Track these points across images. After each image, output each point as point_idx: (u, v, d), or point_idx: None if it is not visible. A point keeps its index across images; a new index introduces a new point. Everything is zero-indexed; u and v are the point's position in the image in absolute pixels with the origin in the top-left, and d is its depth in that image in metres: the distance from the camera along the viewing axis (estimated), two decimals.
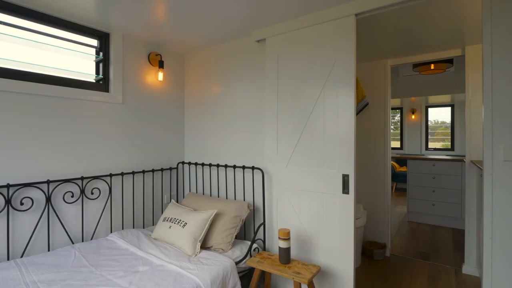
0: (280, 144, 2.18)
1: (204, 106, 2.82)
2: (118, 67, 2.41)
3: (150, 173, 2.70)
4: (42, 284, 1.48)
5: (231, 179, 2.59)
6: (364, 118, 3.31)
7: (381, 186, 3.19)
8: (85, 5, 1.90)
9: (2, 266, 1.64)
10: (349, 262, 1.86)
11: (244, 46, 2.50)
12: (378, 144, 3.22)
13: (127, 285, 1.50)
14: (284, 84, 2.16)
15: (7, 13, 1.86)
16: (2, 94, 1.81)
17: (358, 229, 2.72)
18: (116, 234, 2.17)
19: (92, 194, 2.25)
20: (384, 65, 3.18)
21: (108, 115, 2.36)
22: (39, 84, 1.96)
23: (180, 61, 2.98)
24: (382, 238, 3.17)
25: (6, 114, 1.83)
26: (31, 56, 1.99)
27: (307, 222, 2.05)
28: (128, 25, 2.23)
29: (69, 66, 2.18)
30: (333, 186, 1.92)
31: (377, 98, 3.23)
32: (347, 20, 1.86)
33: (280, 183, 2.18)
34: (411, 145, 6.52)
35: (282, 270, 1.77)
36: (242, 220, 2.20)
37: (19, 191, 1.87)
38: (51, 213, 2.02)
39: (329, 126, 1.95)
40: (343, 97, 1.88)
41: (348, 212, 1.86)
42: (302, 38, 2.07)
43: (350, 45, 1.85)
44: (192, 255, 1.90)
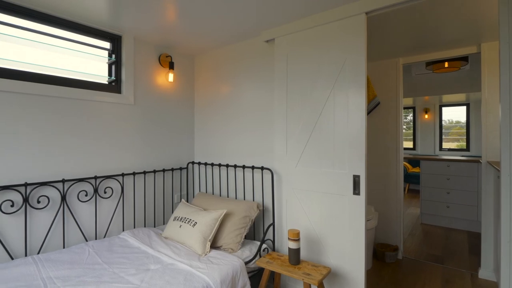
0: (290, 144, 2.17)
1: (214, 106, 2.84)
2: (130, 68, 2.45)
3: (161, 173, 2.73)
4: (58, 280, 1.52)
5: (240, 179, 2.60)
6: (375, 118, 3.27)
7: (393, 187, 3.14)
8: (98, 9, 1.95)
9: (20, 262, 1.70)
10: (360, 264, 1.84)
11: (253, 46, 2.51)
12: (390, 144, 3.17)
13: (138, 282, 1.53)
14: (293, 84, 2.16)
15: (27, 18, 1.92)
16: (20, 96, 1.87)
17: (369, 231, 2.68)
18: (128, 233, 2.21)
19: (105, 193, 2.30)
20: (396, 63, 3.12)
21: (120, 116, 2.41)
22: (54, 86, 2.02)
23: (190, 62, 3.01)
24: (394, 240, 3.12)
25: (24, 116, 1.89)
26: (47, 59, 2.05)
27: (317, 223, 2.03)
28: (140, 27, 2.27)
29: (83, 69, 2.24)
30: (343, 187, 1.90)
31: (389, 97, 3.18)
32: (357, 19, 1.84)
33: (289, 183, 2.17)
34: (424, 146, 6.38)
35: (292, 271, 1.77)
36: (251, 220, 2.20)
37: (36, 190, 1.93)
38: (66, 211, 2.08)
39: (339, 126, 1.93)
40: (353, 96, 1.86)
41: (359, 214, 1.84)
42: (311, 38, 2.06)
43: (361, 44, 1.83)
44: (202, 254, 1.91)
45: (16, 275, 1.55)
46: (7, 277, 1.53)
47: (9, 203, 1.81)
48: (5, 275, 1.54)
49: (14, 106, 1.85)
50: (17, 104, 1.86)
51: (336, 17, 1.92)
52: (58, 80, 2.07)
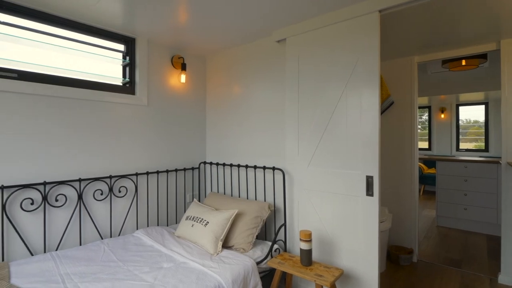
0: (301, 144, 2.16)
1: (225, 107, 2.86)
2: (143, 70, 2.50)
3: (173, 173, 2.77)
4: (75, 276, 1.57)
5: (251, 179, 2.60)
6: (389, 118, 3.21)
7: (407, 188, 3.07)
8: (113, 12, 2.00)
9: (39, 258, 1.76)
10: (373, 266, 1.81)
11: (264, 46, 2.51)
12: (404, 144, 3.10)
13: (152, 280, 1.55)
14: (305, 84, 2.14)
15: (46, 23, 1.99)
16: (40, 98, 1.94)
17: (382, 233, 2.64)
18: (141, 231, 2.26)
19: (120, 192, 2.35)
20: (411, 62, 3.06)
21: (134, 117, 2.46)
22: (71, 88, 2.08)
23: (201, 63, 3.04)
24: (408, 242, 3.05)
25: (43, 117, 1.96)
26: (64, 62, 2.12)
27: (329, 224, 2.01)
28: (153, 30, 2.31)
29: (99, 71, 2.30)
30: (356, 188, 1.88)
31: (403, 96, 3.12)
32: (370, 17, 1.81)
33: (301, 184, 2.16)
34: (441, 146, 6.22)
35: (304, 272, 1.76)
36: (263, 220, 2.20)
37: (54, 188, 1.99)
38: (83, 210, 2.14)
39: (352, 126, 1.91)
40: (366, 96, 1.83)
41: (372, 215, 1.81)
42: (323, 37, 2.04)
43: (374, 43, 1.80)
44: (214, 254, 1.93)
45: (36, 271, 1.60)
46: (28, 272, 1.59)
47: (29, 201, 1.88)
48: (26, 270, 1.60)
49: (34, 108, 1.92)
50: (37, 105, 1.93)
51: (348, 15, 1.90)
52: (75, 82, 2.13)
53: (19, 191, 1.84)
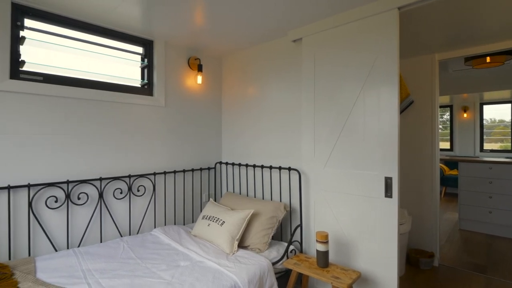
0: (318, 145, 2.14)
1: (241, 107, 2.87)
2: (161, 72, 2.55)
3: (190, 172, 2.81)
4: (96, 272, 1.62)
5: (267, 180, 2.60)
6: (408, 118, 3.12)
7: (428, 190, 2.98)
8: (132, 15, 2.05)
9: (63, 254, 1.83)
10: (392, 269, 1.76)
11: (279, 46, 2.50)
12: (424, 145, 3.01)
13: (169, 278, 1.58)
14: (321, 84, 2.12)
15: (67, 27, 2.07)
16: (63, 100, 2.02)
17: (402, 235, 2.56)
18: (159, 230, 2.30)
19: (138, 191, 2.41)
20: (431, 60, 2.96)
21: (152, 118, 2.52)
22: (92, 90, 2.15)
23: (217, 64, 3.07)
24: (429, 246, 2.95)
25: (66, 118, 2.03)
26: (86, 65, 2.19)
27: (346, 226, 1.98)
28: (170, 32, 2.36)
29: (118, 73, 2.36)
30: (374, 189, 1.84)
31: (423, 95, 3.02)
32: (389, 15, 1.77)
33: (317, 184, 2.14)
34: (463, 146, 5.98)
35: (320, 273, 1.74)
36: (278, 221, 2.19)
37: (76, 187, 2.07)
38: (103, 208, 2.20)
39: (370, 126, 1.87)
40: (385, 96, 1.79)
41: (391, 217, 1.77)
42: (340, 36, 2.01)
43: (393, 41, 1.75)
44: (230, 253, 1.94)
45: (60, 266, 1.67)
46: (52, 267, 1.65)
47: (54, 199, 1.96)
48: (51, 265, 1.67)
49: (58, 109, 2.00)
50: (60, 107, 2.01)
51: (366, 13, 1.86)
52: (96, 84, 2.20)
53: (44, 189, 1.93)
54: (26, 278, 1.49)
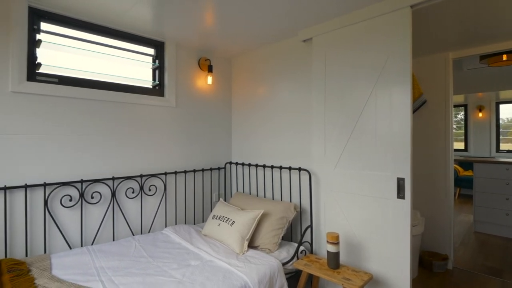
0: (328, 145, 2.12)
1: (250, 107, 2.87)
2: (172, 73, 2.58)
3: (200, 172, 2.83)
4: (109, 270, 1.65)
5: (277, 180, 2.59)
6: (421, 117, 3.06)
7: (441, 191, 2.91)
8: (144, 18, 2.08)
9: (77, 252, 1.87)
10: (405, 272, 1.73)
11: (289, 46, 2.49)
12: (438, 145, 2.94)
13: (180, 277, 1.60)
14: (332, 83, 2.10)
15: (81, 29, 2.12)
16: (79, 101, 2.06)
17: (414, 237, 2.52)
18: (170, 229, 2.33)
19: (150, 191, 2.44)
20: (445, 58, 2.90)
21: (163, 118, 2.55)
22: (106, 91, 2.19)
23: (227, 64, 3.08)
24: (443, 248, 2.89)
25: (81, 119, 2.08)
26: (99, 66, 2.24)
27: (357, 227, 1.96)
28: (181, 33, 2.38)
29: (131, 74, 2.40)
30: (386, 190, 1.81)
31: (437, 95, 2.96)
32: (401, 13, 1.74)
33: (328, 185, 2.12)
34: (478, 147, 5.83)
35: (331, 275, 1.72)
36: (288, 221, 2.19)
37: (90, 186, 2.11)
38: (115, 207, 2.24)
39: (381, 126, 1.84)
40: (397, 95, 1.76)
41: (403, 218, 1.74)
42: (351, 35, 1.99)
43: (405, 40, 1.72)
44: (240, 253, 1.94)
45: (74, 263, 1.71)
46: (67, 264, 1.69)
47: (68, 197, 2.00)
48: (65, 262, 1.71)
49: (72, 110, 2.05)
50: (75, 108, 2.05)
51: (378, 12, 1.83)
52: (109, 86, 2.25)
53: (59, 188, 1.97)
54: (42, 275, 1.54)
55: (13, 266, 1.56)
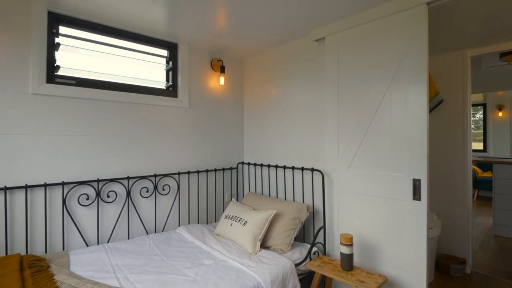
0: (342, 146, 2.10)
1: (262, 108, 2.87)
2: (185, 74, 2.61)
3: (213, 172, 2.85)
4: (124, 268, 1.68)
5: (289, 180, 2.58)
6: (438, 117, 2.98)
7: (459, 193, 2.83)
8: (158, 20, 2.12)
9: (93, 249, 1.92)
10: (421, 275, 1.69)
11: (302, 46, 2.48)
12: (455, 145, 2.86)
13: (194, 275, 1.61)
14: (345, 83, 2.07)
15: (97, 32, 2.17)
16: (94, 102, 2.12)
17: (431, 240, 2.46)
18: (183, 228, 2.35)
19: (163, 190, 2.48)
20: (463, 56, 2.81)
21: (176, 119, 2.58)
22: (121, 93, 2.24)
23: (239, 65, 3.09)
24: (461, 252, 2.81)
25: (97, 120, 2.13)
26: (115, 68, 2.29)
27: (371, 229, 1.92)
28: (194, 35, 2.41)
29: (145, 76, 2.45)
30: (402, 192, 1.77)
31: (454, 93, 2.88)
32: (417, 11, 1.70)
33: (341, 186, 2.10)
34: (498, 147, 5.62)
35: (345, 276, 1.70)
36: (301, 222, 2.17)
37: (106, 185, 2.16)
38: (130, 206, 2.29)
39: (396, 126, 1.80)
40: (413, 94, 1.72)
41: (419, 221, 1.70)
42: (365, 34, 1.96)
43: (421, 38, 1.68)
44: (253, 253, 1.95)
45: (91, 261, 1.75)
46: (84, 261, 1.74)
47: (85, 196, 2.06)
48: (83, 259, 1.76)
49: (90, 111, 2.10)
50: (92, 109, 2.11)
51: (393, 10, 1.80)
52: (124, 87, 2.29)
53: (76, 187, 2.03)
54: (61, 271, 1.58)
55: (34, 262, 1.61)
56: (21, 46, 1.83)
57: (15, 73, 1.81)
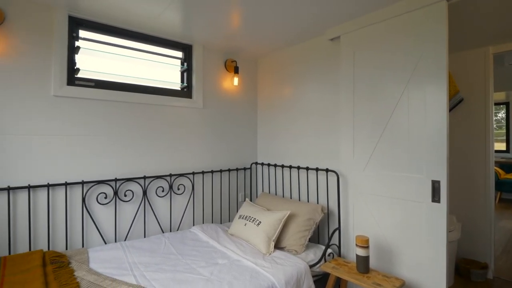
0: (357, 146, 2.06)
1: (276, 108, 2.86)
2: (199, 75, 2.64)
3: (227, 172, 2.87)
4: (141, 265, 1.72)
5: (303, 181, 2.56)
6: (458, 117, 2.89)
7: (480, 195, 2.73)
8: (173, 22, 2.15)
9: (111, 247, 1.97)
10: (440, 279, 1.64)
11: (316, 46, 2.45)
12: (476, 146, 2.76)
13: (208, 275, 1.62)
14: (361, 83, 2.04)
15: (115, 35, 2.23)
16: (110, 104, 2.17)
17: (450, 243, 2.38)
18: (197, 227, 2.38)
19: (178, 190, 2.51)
20: (484, 53, 2.71)
21: (191, 119, 2.61)
22: (138, 94, 2.29)
23: (253, 65, 3.10)
24: (482, 256, 2.70)
25: (115, 120, 2.19)
26: (131, 70, 2.34)
27: (388, 231, 1.88)
28: (208, 36, 2.43)
29: (160, 77, 2.49)
30: (420, 193, 1.73)
31: (475, 92, 2.78)
32: (436, 8, 1.65)
33: (356, 187, 2.06)
34: None
35: (360, 279, 1.67)
36: (315, 223, 2.15)
37: (123, 185, 2.21)
38: (146, 205, 2.33)
39: (414, 126, 1.76)
40: (432, 93, 1.68)
41: (439, 223, 1.65)
42: (381, 32, 1.92)
43: (441, 35, 1.63)
44: (267, 254, 1.94)
45: (109, 258, 1.80)
46: (103, 258, 1.78)
47: (103, 195, 2.11)
48: (101, 256, 1.81)
49: (108, 112, 2.16)
50: (110, 110, 2.16)
51: (410, 7, 1.76)
52: (141, 89, 2.34)
53: (95, 186, 2.09)
54: (80, 267, 1.63)
55: (55, 258, 1.67)
56: (44, 50, 1.90)
57: (38, 76, 1.89)
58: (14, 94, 1.81)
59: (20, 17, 1.82)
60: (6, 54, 1.78)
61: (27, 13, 1.85)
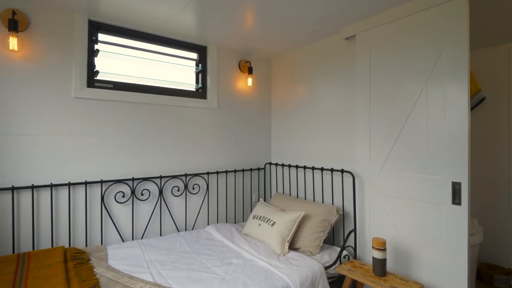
0: (373, 147, 2.02)
1: (290, 108, 2.85)
2: (214, 75, 2.66)
3: (241, 173, 2.88)
4: (157, 263, 1.75)
5: (318, 182, 2.54)
6: (479, 117, 2.79)
7: (504, 197, 2.62)
8: (188, 24, 2.18)
9: (129, 245, 2.01)
10: (461, 284, 1.58)
11: (331, 45, 2.43)
12: (500, 146, 2.65)
13: (223, 274, 1.64)
14: (377, 82, 2.00)
15: (132, 38, 2.28)
16: (128, 105, 2.22)
17: (472, 247, 2.29)
18: (212, 227, 2.40)
19: (193, 189, 2.55)
20: (508, 50, 2.61)
21: (205, 120, 2.64)
22: (154, 95, 2.34)
23: (267, 66, 3.10)
24: (506, 261, 2.59)
25: (132, 121, 2.24)
26: (148, 72, 2.39)
27: (406, 233, 1.84)
28: (222, 37, 2.45)
29: (176, 78, 2.53)
30: (439, 195, 1.68)
31: (498, 91, 2.67)
32: (456, 3, 1.60)
33: (373, 188, 2.02)
34: None
35: (377, 282, 1.64)
36: (330, 224, 2.13)
37: (140, 184, 2.26)
38: (162, 204, 2.37)
39: (434, 126, 1.71)
40: (452, 92, 1.62)
41: (460, 226, 1.59)
42: (398, 30, 1.88)
43: (461, 32, 1.58)
44: (281, 254, 1.94)
45: (127, 255, 1.84)
46: (121, 255, 1.83)
47: (121, 194, 2.17)
48: (119, 254, 1.85)
49: (126, 113, 2.21)
50: (128, 111, 2.22)
51: (428, 4, 1.71)
52: (157, 90, 2.39)
53: (113, 185, 2.14)
54: (99, 264, 1.68)
55: (76, 255, 1.73)
56: (65, 53, 1.97)
57: (60, 79, 1.96)
58: (37, 95, 1.88)
59: (43, 22, 1.90)
60: (30, 57, 1.86)
61: (49, 18, 1.92)
